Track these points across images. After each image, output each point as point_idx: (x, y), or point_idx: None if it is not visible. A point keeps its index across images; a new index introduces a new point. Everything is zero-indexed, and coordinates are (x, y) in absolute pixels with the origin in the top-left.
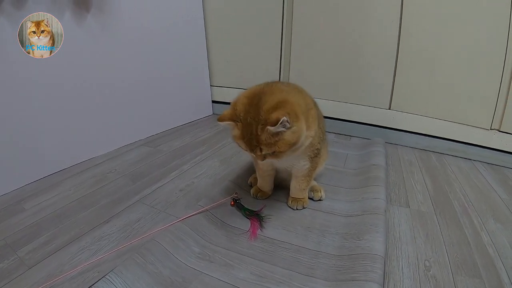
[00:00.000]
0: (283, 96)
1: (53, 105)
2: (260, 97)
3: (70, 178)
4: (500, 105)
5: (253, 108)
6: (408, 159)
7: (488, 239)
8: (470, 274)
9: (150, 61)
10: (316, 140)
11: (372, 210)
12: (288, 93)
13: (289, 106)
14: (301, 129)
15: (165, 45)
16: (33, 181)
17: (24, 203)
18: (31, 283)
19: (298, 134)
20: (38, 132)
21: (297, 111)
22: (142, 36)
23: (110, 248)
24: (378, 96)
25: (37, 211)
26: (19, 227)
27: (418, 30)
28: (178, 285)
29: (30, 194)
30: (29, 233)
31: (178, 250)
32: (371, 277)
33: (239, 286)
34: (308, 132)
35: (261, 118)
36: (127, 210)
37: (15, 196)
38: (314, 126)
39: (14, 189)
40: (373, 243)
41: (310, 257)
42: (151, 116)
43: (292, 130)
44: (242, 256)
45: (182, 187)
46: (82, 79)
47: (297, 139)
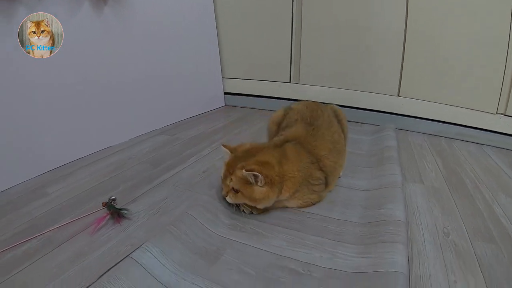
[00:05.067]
0: (273, 160)
1: (71, 96)
2: (256, 151)
3: (90, 165)
4: (505, 90)
5: (247, 154)
6: (418, 143)
7: (500, 211)
8: (486, 240)
9: (164, 54)
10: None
11: (390, 184)
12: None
13: (270, 172)
14: (267, 196)
15: (178, 38)
16: (52, 169)
17: (46, 188)
18: (61, 259)
19: (262, 196)
20: (57, 121)
21: (274, 180)
22: (156, 29)
23: (140, 224)
24: (387, 84)
25: (60, 195)
26: (44, 209)
27: (425, 17)
28: (213, 253)
29: (51, 180)
30: (55, 214)
31: (209, 222)
32: (397, 239)
33: (274, 251)
34: (281, 196)
35: (247, 162)
36: (152, 191)
37: (37, 182)
38: (292, 189)
39: (33, 177)
40: (394, 211)
41: (337, 225)
42: (166, 107)
43: (259, 189)
44: (273, 226)
45: (204, 169)
46: (99, 71)
47: (259, 199)
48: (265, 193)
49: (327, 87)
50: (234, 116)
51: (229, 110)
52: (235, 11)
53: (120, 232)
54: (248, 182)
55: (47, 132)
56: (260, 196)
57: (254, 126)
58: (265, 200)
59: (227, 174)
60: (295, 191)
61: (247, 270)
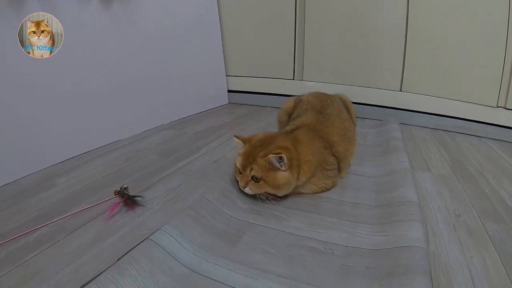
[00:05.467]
0: (290, 145)
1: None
2: (272, 139)
3: (99, 157)
4: (505, 83)
5: (264, 142)
6: (422, 136)
7: (506, 195)
8: (496, 220)
9: (169, 52)
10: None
11: (399, 171)
12: (295, 143)
13: (291, 155)
14: (289, 181)
15: (183, 36)
16: (61, 161)
17: (55, 179)
18: (76, 244)
19: (286, 180)
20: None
21: (293, 164)
22: (162, 27)
23: (155, 210)
24: (390, 79)
25: (70, 185)
26: (54, 199)
27: (425, 14)
28: (233, 235)
29: (60, 172)
30: (65, 203)
31: (227, 206)
32: (413, 217)
33: (293, 232)
34: (298, 181)
35: (268, 148)
36: (164, 179)
37: (45, 174)
38: (308, 174)
39: (43, 168)
40: (406, 193)
41: (352, 208)
42: (171, 104)
43: (282, 174)
44: (289, 210)
45: (215, 159)
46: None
47: (282, 184)
48: (288, 178)
49: (330, 83)
50: (238, 113)
51: (233, 107)
52: (238, 10)
53: (135, 218)
54: (271, 169)
55: (56, 126)
56: (283, 181)
57: (260, 121)
58: (287, 185)
59: (246, 164)
60: (311, 175)
61: (269, 249)
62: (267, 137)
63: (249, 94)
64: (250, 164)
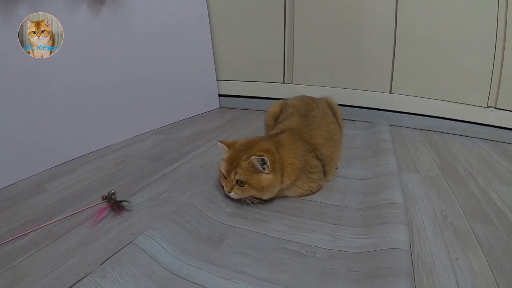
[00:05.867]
0: (272, 148)
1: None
2: (255, 143)
3: (89, 162)
4: (495, 83)
5: (247, 146)
6: (412, 137)
7: (495, 196)
8: (484, 221)
9: (159, 56)
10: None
11: (386, 173)
12: (278, 146)
13: (273, 158)
14: (273, 183)
15: (173, 41)
16: (51, 167)
17: (45, 184)
18: (62, 249)
19: (269, 182)
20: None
21: (276, 166)
22: (151, 32)
23: (141, 215)
24: (379, 81)
25: (59, 191)
26: (42, 204)
27: (414, 15)
28: (216, 240)
29: (51, 177)
30: (54, 208)
31: (211, 210)
32: (398, 220)
33: (275, 236)
34: (281, 184)
35: (251, 151)
36: (152, 184)
37: (36, 180)
38: (292, 177)
39: (33, 174)
40: (392, 196)
41: (336, 211)
42: (162, 109)
43: (266, 176)
44: (273, 213)
45: (202, 164)
46: (97, 72)
47: (266, 186)
48: (271, 180)
49: (320, 86)
50: (229, 117)
51: (224, 111)
52: (228, 15)
53: (122, 223)
54: (255, 172)
55: (47, 132)
56: (267, 183)
57: (250, 125)
58: (271, 188)
59: (230, 169)
60: (295, 178)
61: (251, 253)
62: (250, 141)
63: (240, 98)
64: (234, 168)
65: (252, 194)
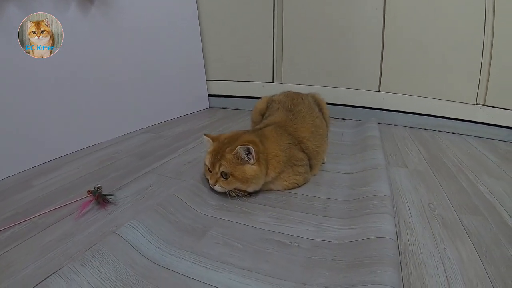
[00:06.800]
0: (256, 139)
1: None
2: (239, 136)
3: (77, 159)
4: (483, 80)
5: (231, 139)
6: (401, 134)
7: (484, 189)
8: (472, 213)
9: (149, 56)
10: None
11: (373, 167)
12: (262, 139)
13: (257, 148)
14: (257, 174)
15: (163, 41)
16: (39, 164)
17: (32, 181)
18: (46, 241)
19: (254, 173)
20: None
21: (261, 157)
22: (140, 32)
23: (126, 208)
24: (368, 79)
25: (45, 186)
26: (29, 199)
27: (402, 13)
28: (199, 231)
29: (37, 174)
30: (40, 202)
31: (195, 203)
32: (383, 210)
33: (259, 227)
34: (266, 177)
35: (235, 143)
36: (138, 179)
37: (23, 176)
38: (277, 169)
39: (21, 171)
40: (379, 188)
41: (322, 203)
42: (151, 108)
43: (250, 167)
44: (258, 205)
45: (190, 160)
46: (87, 72)
47: (251, 177)
48: (256, 171)
49: (309, 85)
50: (219, 116)
51: (214, 111)
52: (218, 16)
53: (106, 216)
54: (239, 163)
55: (36, 129)
56: (251, 174)
57: (239, 124)
58: (256, 179)
59: (215, 161)
60: (280, 171)
61: (234, 243)
62: (235, 134)
63: (230, 98)
64: (219, 160)
65: (237, 186)
